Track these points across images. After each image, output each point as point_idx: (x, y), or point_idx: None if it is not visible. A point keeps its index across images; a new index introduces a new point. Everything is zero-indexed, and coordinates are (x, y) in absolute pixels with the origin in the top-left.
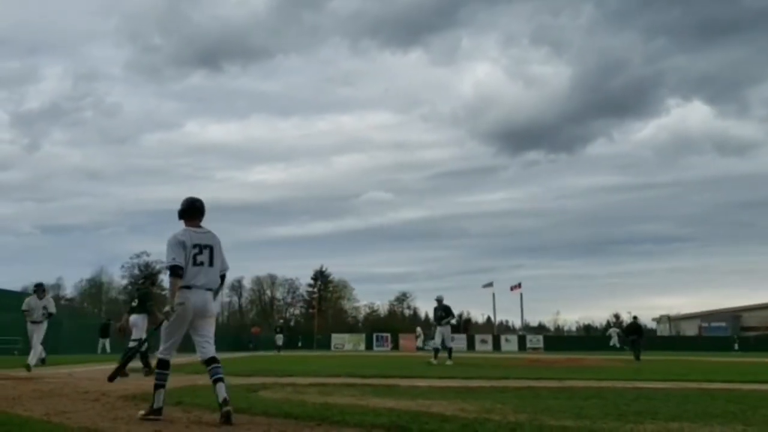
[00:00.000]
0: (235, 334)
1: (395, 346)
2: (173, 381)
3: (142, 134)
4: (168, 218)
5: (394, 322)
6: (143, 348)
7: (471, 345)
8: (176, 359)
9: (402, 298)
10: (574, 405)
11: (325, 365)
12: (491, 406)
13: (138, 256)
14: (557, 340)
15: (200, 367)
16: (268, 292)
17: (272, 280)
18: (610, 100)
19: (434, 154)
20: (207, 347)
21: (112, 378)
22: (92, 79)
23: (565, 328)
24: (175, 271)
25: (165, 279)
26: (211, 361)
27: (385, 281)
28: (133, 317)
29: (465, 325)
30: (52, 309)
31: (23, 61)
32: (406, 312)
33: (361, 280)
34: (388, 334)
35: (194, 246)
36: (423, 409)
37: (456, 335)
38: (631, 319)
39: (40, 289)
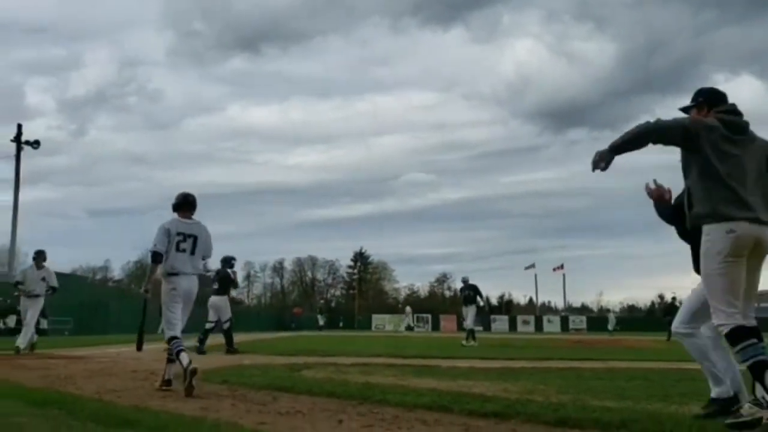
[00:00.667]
0: (277, 315)
1: (435, 327)
2: (220, 360)
3: (185, 119)
4: (212, 202)
5: (435, 304)
6: (226, 327)
7: (513, 326)
8: (220, 340)
9: (442, 279)
10: (617, 386)
11: (366, 345)
12: (534, 386)
13: None
14: (600, 320)
15: (245, 348)
16: (309, 274)
17: (313, 261)
18: (655, 75)
19: (476, 134)
20: None
21: (139, 347)
22: (135, 65)
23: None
24: (155, 257)
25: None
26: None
27: (425, 263)
28: (213, 299)
29: (507, 306)
30: (54, 282)
31: (68, 48)
32: (447, 293)
33: (401, 261)
34: (428, 315)
35: (178, 234)
36: (464, 389)
37: (498, 316)
38: (670, 300)
39: (40, 257)
